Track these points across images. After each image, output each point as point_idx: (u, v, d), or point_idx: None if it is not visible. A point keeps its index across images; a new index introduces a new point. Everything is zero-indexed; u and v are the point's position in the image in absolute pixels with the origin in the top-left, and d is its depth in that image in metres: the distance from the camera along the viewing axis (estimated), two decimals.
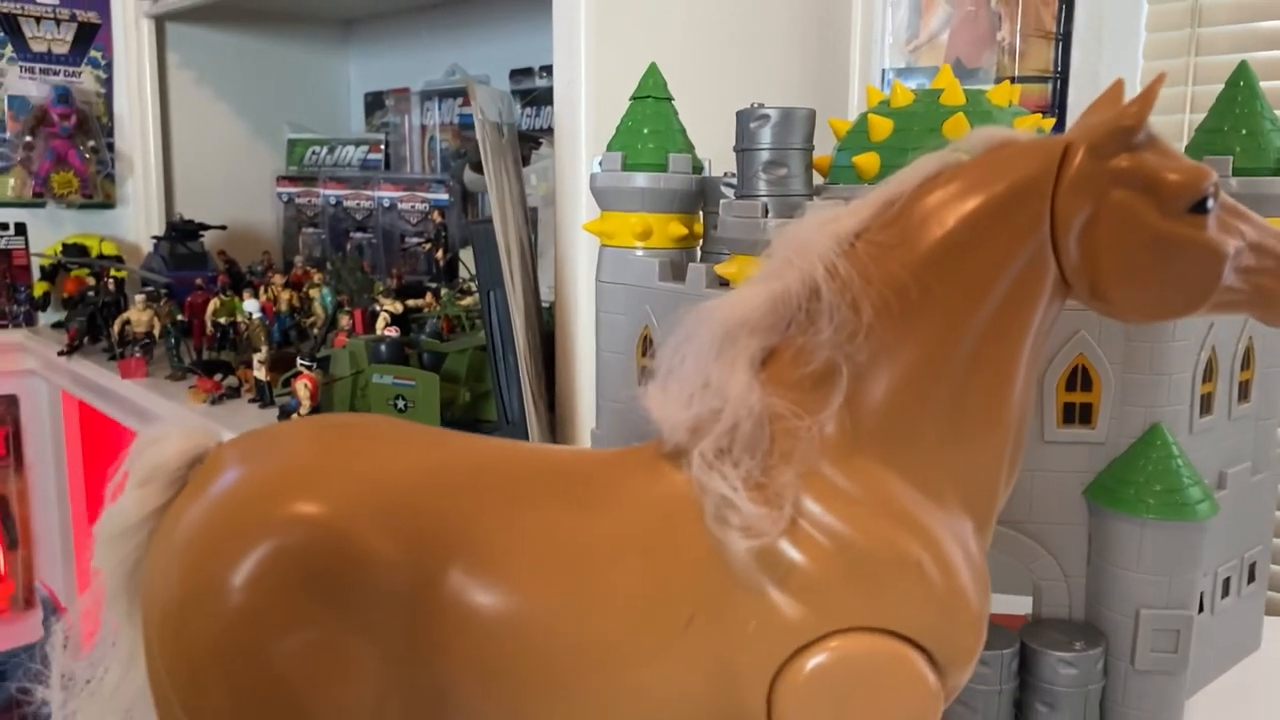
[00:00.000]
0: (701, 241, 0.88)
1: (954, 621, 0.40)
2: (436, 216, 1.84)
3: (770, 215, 0.73)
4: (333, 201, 2.08)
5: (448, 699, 0.40)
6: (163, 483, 0.41)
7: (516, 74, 1.93)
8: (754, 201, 0.73)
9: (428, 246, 1.85)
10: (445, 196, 1.93)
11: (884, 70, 1.28)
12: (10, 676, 1.83)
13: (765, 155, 0.74)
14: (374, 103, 2.30)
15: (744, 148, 0.75)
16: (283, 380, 1.33)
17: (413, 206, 1.97)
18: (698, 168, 0.86)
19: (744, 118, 0.75)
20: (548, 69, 1.88)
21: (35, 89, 1.99)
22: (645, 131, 0.85)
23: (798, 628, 0.39)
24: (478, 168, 1.78)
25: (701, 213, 0.88)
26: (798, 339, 0.39)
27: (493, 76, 2.00)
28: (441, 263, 1.82)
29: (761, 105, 0.74)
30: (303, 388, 1.20)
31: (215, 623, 0.37)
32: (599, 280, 0.88)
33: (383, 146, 2.18)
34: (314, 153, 2.23)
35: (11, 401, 2.01)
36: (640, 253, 0.85)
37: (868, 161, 0.77)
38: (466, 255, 1.85)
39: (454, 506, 0.40)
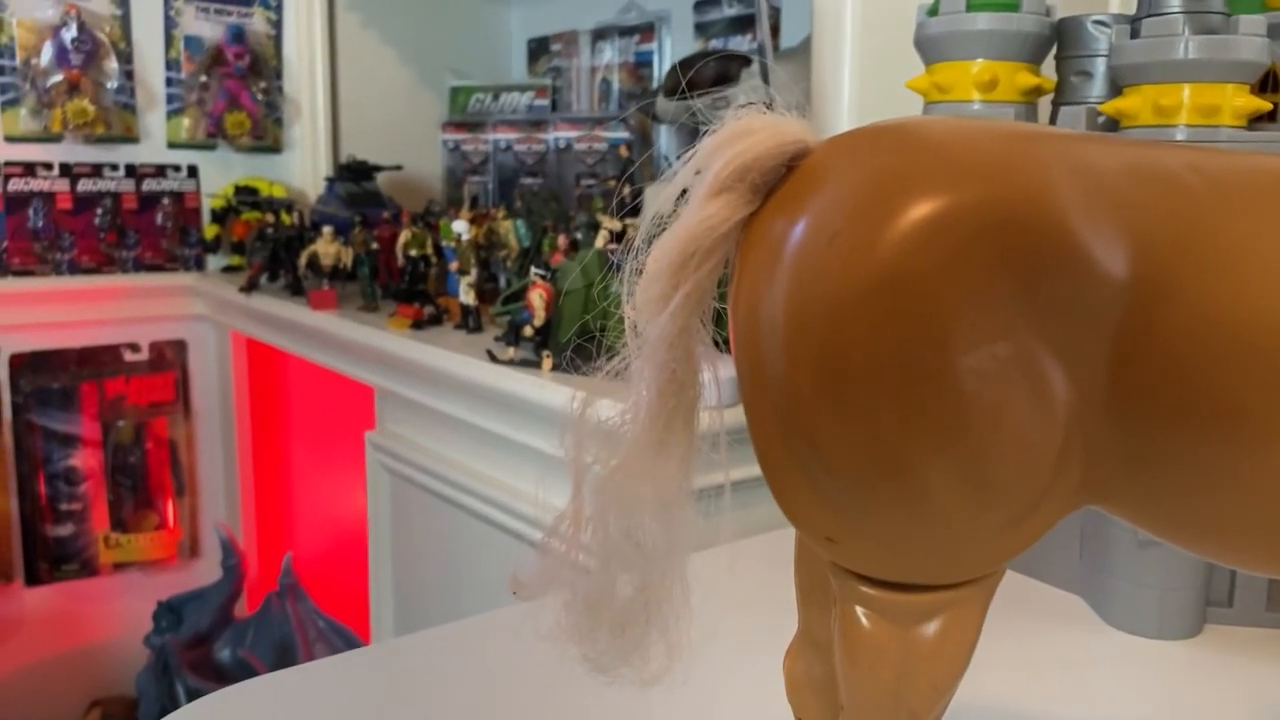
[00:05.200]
0: (1053, 95, 0.78)
1: None
2: (624, 151, 1.77)
3: (1187, 32, 0.63)
4: (503, 146, 2.02)
5: (1144, 460, 0.31)
6: (755, 185, 0.32)
7: (701, 5, 1.85)
8: (1168, 18, 0.64)
9: (613, 183, 1.78)
10: (625, 134, 1.86)
11: None
12: (187, 619, 1.80)
13: None
14: (538, 49, 2.24)
15: None
16: (505, 297, 1.26)
17: (590, 146, 1.89)
18: (1047, 10, 0.76)
19: None
20: None
21: (209, 30, 1.96)
22: None
23: None
24: (671, 93, 1.71)
25: (1056, 62, 0.78)
26: None
27: (674, 11, 1.92)
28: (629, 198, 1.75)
29: None
30: (538, 298, 1.13)
31: (883, 328, 0.28)
32: None
33: (549, 92, 2.12)
34: (478, 100, 2.18)
35: (180, 347, 1.99)
36: (979, 106, 0.76)
37: None
38: (651, 190, 1.77)
39: (1183, 208, 0.30)
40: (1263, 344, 0.29)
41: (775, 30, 1.67)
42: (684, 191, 0.33)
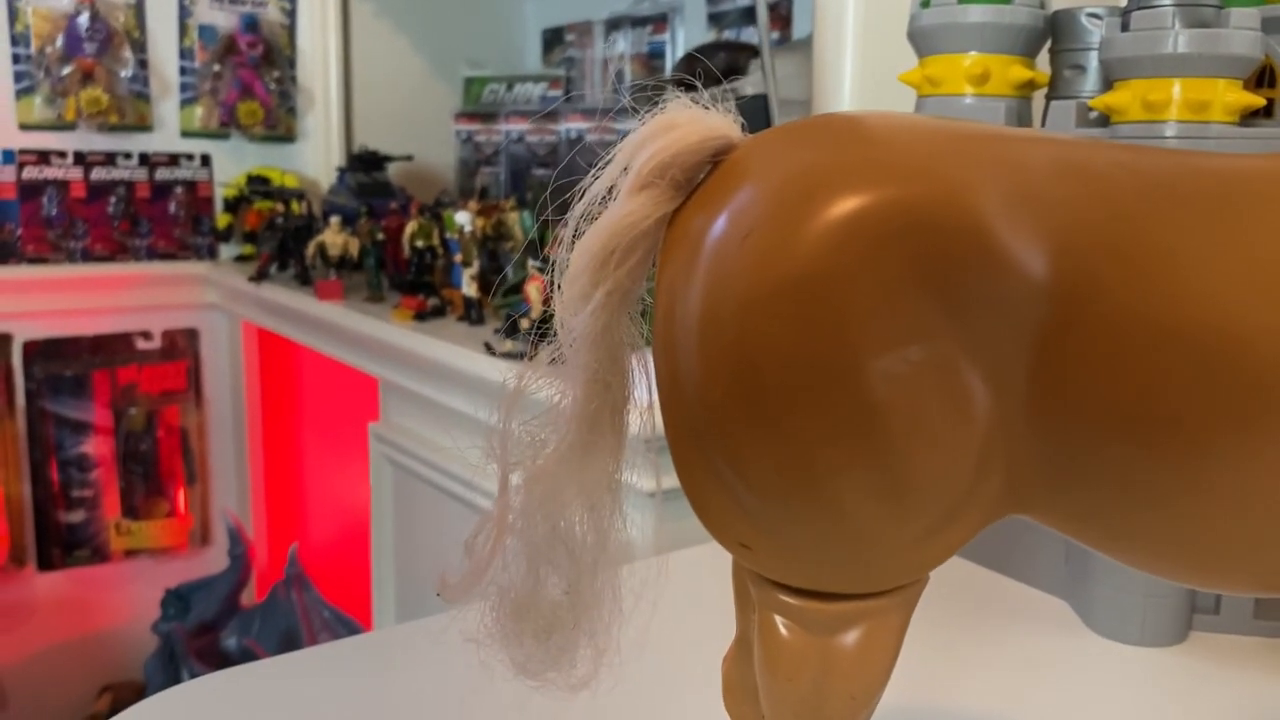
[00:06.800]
0: (1047, 89, 0.76)
1: None
2: None
3: (1178, 25, 0.62)
4: (515, 137, 2.01)
5: (1068, 469, 0.30)
6: (676, 181, 0.31)
7: None
8: (1158, 10, 0.62)
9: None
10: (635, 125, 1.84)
11: None
12: (195, 606, 1.81)
13: None
14: (552, 39, 2.23)
15: None
16: (505, 290, 1.26)
17: (601, 138, 1.88)
18: (1042, 3, 0.75)
19: None
20: None
21: (223, 19, 1.96)
22: None
23: None
24: (681, 85, 1.70)
25: (1050, 55, 0.76)
26: None
27: (687, 1, 1.91)
28: None
29: None
30: (534, 290, 1.13)
31: (793, 330, 0.27)
32: None
33: (563, 82, 2.11)
34: (492, 90, 2.17)
35: (192, 335, 2.00)
36: (970, 100, 0.75)
37: None
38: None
39: (1112, 209, 0.29)
40: (1194, 350, 0.28)
41: (787, 21, 1.66)
42: (612, 187, 0.33)
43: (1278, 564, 0.32)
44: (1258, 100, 0.63)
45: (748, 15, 1.79)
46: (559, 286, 0.33)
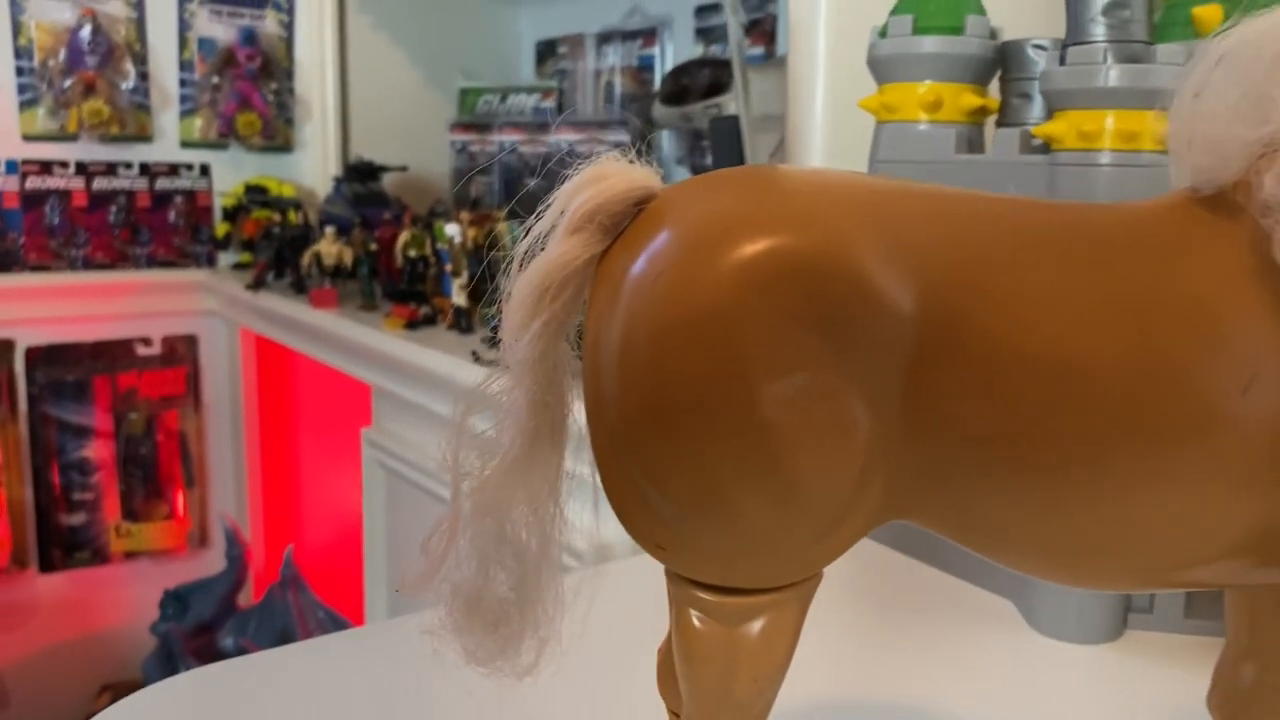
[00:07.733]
0: (997, 116, 0.80)
1: None
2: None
3: (1110, 61, 0.66)
4: (509, 148, 2.06)
5: (938, 478, 0.34)
6: (604, 226, 0.35)
7: (702, 11, 1.87)
8: (1092, 47, 0.66)
9: None
10: (624, 138, 1.89)
11: None
12: (192, 607, 1.85)
13: None
14: (545, 51, 2.27)
15: None
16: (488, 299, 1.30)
17: (592, 150, 1.93)
18: (993, 34, 0.79)
19: None
20: None
21: (222, 31, 2.01)
22: None
23: None
24: (669, 100, 1.74)
25: (1000, 83, 0.80)
26: None
27: (676, 16, 1.95)
28: None
29: None
30: None
31: (697, 358, 0.31)
32: (875, 160, 0.82)
33: (555, 93, 2.15)
34: (486, 101, 2.21)
35: (191, 341, 2.04)
36: (925, 126, 0.79)
37: (1210, 14, 0.69)
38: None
39: (974, 253, 0.34)
40: (1044, 375, 0.32)
41: (771, 37, 1.70)
42: (551, 227, 0.37)
43: (1146, 562, 0.36)
44: None
45: None
46: (503, 315, 0.37)
